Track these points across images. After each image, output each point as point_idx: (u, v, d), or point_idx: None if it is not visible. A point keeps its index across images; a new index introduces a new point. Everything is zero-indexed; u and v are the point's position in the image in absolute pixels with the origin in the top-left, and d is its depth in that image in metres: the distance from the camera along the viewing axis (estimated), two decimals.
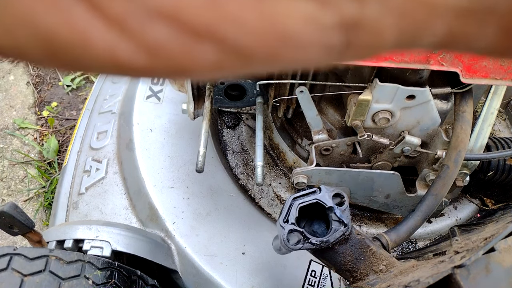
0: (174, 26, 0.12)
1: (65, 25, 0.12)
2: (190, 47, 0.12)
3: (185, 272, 0.87)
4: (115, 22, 0.12)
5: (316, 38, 0.13)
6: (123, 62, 0.12)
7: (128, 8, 0.11)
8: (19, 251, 0.67)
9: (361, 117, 0.75)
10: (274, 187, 1.05)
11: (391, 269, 0.64)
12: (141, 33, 0.12)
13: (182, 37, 0.12)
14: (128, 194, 0.99)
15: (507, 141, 0.90)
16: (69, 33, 0.12)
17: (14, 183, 1.49)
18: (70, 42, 0.12)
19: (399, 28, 0.13)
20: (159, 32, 0.12)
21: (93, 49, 0.12)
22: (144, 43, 0.12)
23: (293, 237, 0.62)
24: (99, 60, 0.12)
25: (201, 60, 0.12)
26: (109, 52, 0.12)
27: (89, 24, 0.12)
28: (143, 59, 0.12)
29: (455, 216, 1.05)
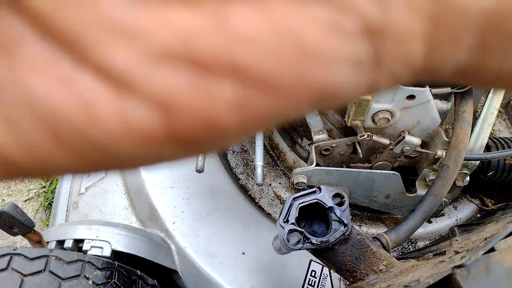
0: (183, 66, 0.10)
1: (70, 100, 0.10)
2: (207, 87, 0.10)
3: (185, 272, 0.87)
4: (120, 80, 0.10)
5: (341, 48, 0.11)
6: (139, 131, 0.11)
7: (131, 58, 0.10)
8: (19, 251, 0.67)
9: (361, 117, 0.75)
10: (274, 187, 1.05)
11: (391, 269, 0.64)
12: (149, 84, 0.10)
13: (195, 77, 0.10)
14: (128, 194, 0.99)
15: (507, 141, 0.90)
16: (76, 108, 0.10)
17: (14, 183, 1.49)
18: (78, 120, 0.10)
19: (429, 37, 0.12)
20: (168, 78, 0.10)
21: (104, 122, 0.10)
22: (154, 95, 0.10)
23: (293, 237, 0.62)
24: (114, 136, 0.11)
25: (221, 102, 0.11)
26: (121, 121, 0.10)
27: (94, 92, 0.10)
28: (157, 117, 0.10)
29: (455, 216, 1.05)
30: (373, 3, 0.11)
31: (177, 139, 0.11)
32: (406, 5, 0.11)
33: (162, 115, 0.11)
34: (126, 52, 0.10)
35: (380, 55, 0.12)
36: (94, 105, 0.10)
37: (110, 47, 0.10)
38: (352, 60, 0.11)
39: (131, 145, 0.11)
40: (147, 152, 0.11)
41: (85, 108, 0.10)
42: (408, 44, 0.12)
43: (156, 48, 0.10)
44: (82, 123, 0.10)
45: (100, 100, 0.10)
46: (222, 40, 0.10)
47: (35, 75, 0.10)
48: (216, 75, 0.10)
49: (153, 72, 0.10)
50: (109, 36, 0.10)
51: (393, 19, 0.11)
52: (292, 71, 0.11)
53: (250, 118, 0.11)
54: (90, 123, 0.10)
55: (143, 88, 0.10)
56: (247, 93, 0.11)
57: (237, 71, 0.10)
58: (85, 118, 0.10)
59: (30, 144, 0.11)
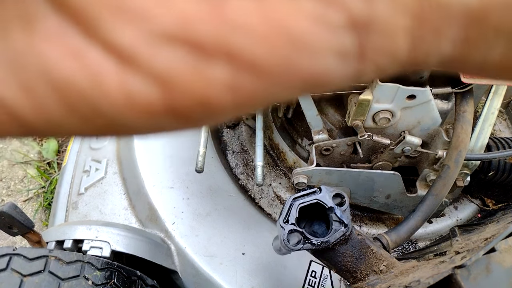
0: (182, 47, 0.11)
1: (80, 71, 0.11)
2: (203, 68, 0.12)
3: (185, 272, 0.87)
4: (125, 56, 0.11)
5: (327, 39, 0.12)
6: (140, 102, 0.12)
7: (136, 37, 0.11)
8: (18, 251, 0.67)
9: (361, 117, 0.75)
10: (274, 187, 1.04)
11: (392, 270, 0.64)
12: (151, 62, 0.11)
13: (193, 58, 0.11)
14: (128, 194, 0.98)
15: (508, 141, 0.90)
16: (84, 78, 0.11)
17: (13, 183, 1.49)
18: (86, 89, 0.12)
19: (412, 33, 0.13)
20: (169, 58, 0.11)
21: (109, 91, 0.12)
22: (156, 73, 0.11)
23: (293, 238, 0.62)
24: (117, 105, 0.12)
25: (216, 83, 0.12)
26: (124, 92, 0.12)
27: (102, 65, 0.11)
28: (158, 94, 0.12)
29: (455, 216, 1.04)
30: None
31: (174, 112, 0.12)
32: (391, 1, 0.12)
33: (161, 90, 0.12)
34: (131, 31, 0.11)
35: (364, 47, 0.12)
36: (100, 76, 0.11)
37: (118, 26, 0.11)
38: (338, 50, 0.12)
39: (132, 114, 0.12)
40: (146, 122, 0.12)
41: (92, 78, 0.11)
42: (392, 38, 0.12)
43: (159, 30, 0.11)
44: (89, 91, 0.12)
45: (106, 72, 0.11)
46: (218, 26, 0.11)
47: (49, 46, 0.11)
48: (212, 58, 0.11)
49: (155, 51, 0.11)
50: (117, 15, 0.11)
51: (377, 14, 0.12)
52: (282, 58, 0.12)
53: (242, 98, 0.12)
54: (96, 91, 0.12)
55: (146, 64, 0.11)
56: (240, 75, 0.12)
57: (231, 55, 0.11)
58: (92, 87, 0.12)
59: (43, 106, 0.12)
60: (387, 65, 0.13)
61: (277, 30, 0.11)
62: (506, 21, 0.13)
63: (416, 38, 0.13)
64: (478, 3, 0.12)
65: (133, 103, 0.12)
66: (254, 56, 0.12)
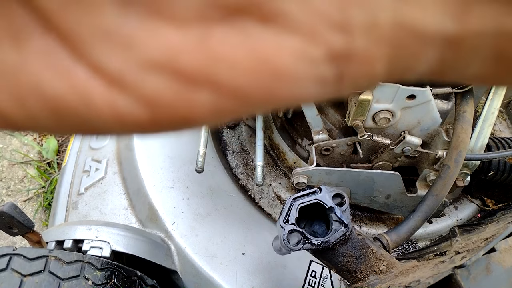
0: (169, 75, 0.12)
1: (69, 89, 0.12)
2: (188, 94, 0.12)
3: (185, 272, 0.87)
4: (113, 79, 0.12)
5: (308, 72, 0.13)
6: (126, 118, 0.13)
7: (124, 63, 0.12)
8: (18, 251, 0.67)
9: (361, 117, 0.75)
10: (274, 187, 1.04)
11: (392, 270, 0.64)
12: (139, 87, 0.12)
13: (178, 86, 0.12)
14: (128, 194, 0.98)
15: (508, 141, 0.90)
16: (74, 96, 0.12)
17: (13, 183, 1.49)
18: (75, 105, 0.12)
19: (390, 58, 0.13)
20: (156, 84, 0.12)
21: (96, 108, 0.12)
22: (143, 96, 0.12)
23: (293, 238, 0.62)
24: (104, 119, 0.13)
25: (199, 106, 0.13)
26: (111, 109, 0.12)
27: (90, 84, 0.12)
28: (144, 112, 0.12)
29: (455, 217, 1.04)
30: (339, 35, 0.12)
31: (157, 126, 0.13)
32: (369, 35, 0.13)
33: (147, 109, 0.12)
34: (119, 58, 0.12)
35: (343, 74, 0.13)
36: (88, 94, 0.12)
37: (106, 52, 0.12)
38: (318, 79, 0.13)
39: (117, 126, 0.13)
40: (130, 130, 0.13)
41: (80, 95, 0.12)
42: (370, 65, 0.13)
43: (146, 58, 0.12)
44: (77, 107, 0.12)
45: (94, 91, 0.12)
46: (203, 58, 0.12)
47: (38, 64, 0.12)
48: (196, 85, 0.12)
49: (142, 77, 0.12)
50: (106, 42, 0.12)
51: (356, 47, 0.13)
52: (263, 87, 0.13)
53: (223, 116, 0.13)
54: (84, 107, 0.12)
55: (133, 88, 0.12)
56: (222, 100, 0.13)
57: (215, 84, 0.12)
58: (80, 103, 0.12)
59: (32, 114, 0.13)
60: (365, 85, 0.14)
61: (260, 64, 0.12)
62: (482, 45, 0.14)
63: (393, 63, 0.14)
64: (455, 30, 0.13)
65: (120, 118, 0.13)
66: (236, 86, 0.12)
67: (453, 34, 0.13)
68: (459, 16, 0.13)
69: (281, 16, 0.12)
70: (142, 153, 0.99)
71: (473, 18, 0.13)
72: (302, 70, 0.13)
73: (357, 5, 0.12)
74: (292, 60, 0.12)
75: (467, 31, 0.13)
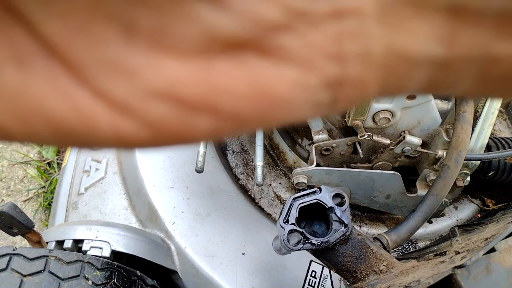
0: (171, 103, 0.13)
1: (72, 111, 0.12)
2: (189, 119, 0.13)
3: (185, 272, 0.87)
4: (117, 105, 0.12)
5: (305, 97, 0.13)
6: (127, 139, 0.13)
7: (128, 91, 0.12)
8: (18, 251, 0.67)
9: (361, 117, 0.75)
10: (274, 187, 1.04)
11: (392, 270, 0.64)
12: (142, 112, 0.13)
13: (180, 111, 0.13)
14: (128, 194, 0.98)
15: (508, 141, 0.90)
16: (76, 118, 0.13)
17: (13, 183, 1.49)
18: (77, 126, 0.13)
19: (382, 81, 0.14)
20: (158, 110, 0.13)
21: (99, 130, 0.13)
22: (145, 120, 0.13)
23: (293, 238, 0.62)
24: (106, 139, 0.13)
25: (199, 129, 0.13)
26: (114, 132, 0.13)
27: (93, 109, 0.12)
28: (145, 134, 0.13)
29: (455, 216, 1.04)
30: (334, 65, 0.13)
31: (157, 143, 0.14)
32: (362, 63, 0.13)
33: (149, 131, 0.13)
34: (123, 86, 0.12)
35: (338, 96, 0.14)
36: (91, 117, 0.13)
37: (110, 80, 0.12)
38: (314, 103, 0.14)
39: (116, 143, 0.13)
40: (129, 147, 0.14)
41: (83, 118, 0.13)
42: (363, 88, 0.14)
43: (150, 88, 0.12)
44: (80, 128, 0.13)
45: (96, 115, 0.13)
46: (204, 88, 0.13)
47: (41, 87, 0.12)
48: (197, 112, 0.13)
49: (145, 104, 0.13)
50: (111, 71, 0.12)
51: (349, 73, 0.13)
52: (261, 112, 0.13)
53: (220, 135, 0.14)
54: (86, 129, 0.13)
55: (136, 113, 0.13)
56: (221, 124, 0.13)
57: (215, 111, 0.13)
58: (83, 125, 0.13)
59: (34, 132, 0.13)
60: (358, 102, 0.15)
61: (259, 92, 0.13)
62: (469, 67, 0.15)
63: (385, 84, 0.14)
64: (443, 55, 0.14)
65: (121, 138, 0.13)
66: (235, 111, 0.13)
67: (442, 58, 0.14)
68: (448, 41, 0.14)
69: (280, 49, 0.13)
70: (142, 153, 0.99)
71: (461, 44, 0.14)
72: (299, 96, 0.13)
73: (351, 37, 0.13)
74: (289, 88, 0.13)
75: (455, 56, 0.14)
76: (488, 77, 0.15)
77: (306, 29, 0.13)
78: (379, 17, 0.13)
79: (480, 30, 0.14)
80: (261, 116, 0.14)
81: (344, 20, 0.13)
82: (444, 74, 0.15)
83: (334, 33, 0.13)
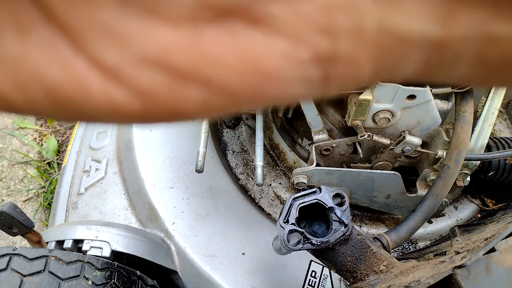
0: (161, 71, 0.13)
1: (68, 79, 0.13)
2: (179, 89, 0.13)
3: (185, 272, 0.87)
4: (109, 72, 0.13)
5: (295, 72, 0.13)
6: (120, 108, 0.13)
7: (120, 57, 0.13)
8: (18, 251, 0.67)
9: (361, 117, 0.75)
10: (274, 187, 1.04)
11: (392, 270, 0.64)
12: (133, 80, 0.13)
13: (170, 81, 0.13)
14: (128, 194, 0.98)
15: (508, 141, 0.90)
16: (72, 85, 0.13)
17: (13, 183, 1.49)
18: (73, 94, 0.13)
19: (375, 61, 0.14)
20: (149, 78, 0.13)
21: (93, 97, 0.13)
22: (136, 88, 0.13)
23: (293, 238, 0.62)
24: (100, 108, 0.13)
25: (189, 101, 0.13)
26: (107, 99, 0.13)
27: (88, 76, 0.13)
28: (137, 104, 0.13)
29: (455, 216, 1.04)
30: (325, 39, 0.13)
31: (149, 118, 0.14)
32: (354, 39, 0.13)
33: (140, 101, 0.13)
34: (116, 52, 0.12)
35: (329, 74, 0.14)
36: (86, 84, 0.13)
37: (104, 46, 0.12)
38: (304, 79, 0.14)
39: (111, 115, 0.14)
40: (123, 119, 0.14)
41: (78, 85, 0.13)
42: (355, 67, 0.14)
43: (141, 54, 0.13)
44: (75, 95, 0.13)
45: (91, 82, 0.13)
46: (194, 56, 0.13)
47: (40, 54, 0.13)
48: (187, 81, 0.13)
49: (136, 71, 0.13)
50: (104, 37, 0.12)
51: (341, 49, 0.13)
52: (251, 86, 0.13)
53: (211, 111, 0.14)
54: (81, 96, 0.13)
55: (127, 80, 0.13)
56: (212, 96, 0.13)
57: (205, 81, 0.13)
58: (78, 92, 0.13)
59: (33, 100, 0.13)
60: (351, 85, 0.15)
61: (248, 64, 0.13)
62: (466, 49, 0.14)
63: (378, 65, 0.14)
64: (439, 35, 0.13)
65: (114, 108, 0.13)
66: (225, 84, 0.13)
67: (437, 38, 0.14)
68: (444, 21, 0.13)
69: (269, 19, 0.12)
70: (142, 153, 0.99)
71: (457, 23, 0.13)
72: (288, 70, 0.13)
73: (343, 11, 0.13)
74: (279, 61, 0.13)
75: (451, 36, 0.14)
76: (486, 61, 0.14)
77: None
78: None
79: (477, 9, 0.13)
80: (251, 91, 0.13)
81: None
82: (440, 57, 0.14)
83: (325, 5, 0.12)
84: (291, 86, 0.14)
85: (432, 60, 0.14)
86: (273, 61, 0.13)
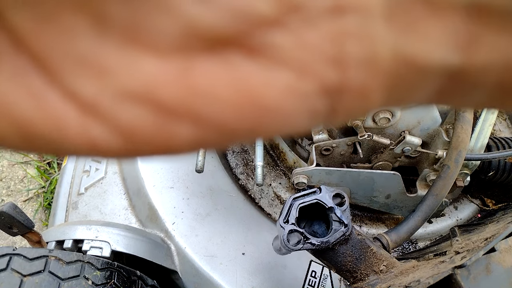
0: (146, 107, 0.11)
1: (41, 113, 0.11)
2: (167, 127, 0.12)
3: (185, 272, 0.87)
4: (87, 106, 0.11)
5: (298, 105, 0.12)
6: (99, 146, 0.12)
7: (99, 91, 0.11)
8: (18, 251, 0.66)
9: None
10: (274, 187, 1.04)
11: (392, 270, 0.64)
12: (114, 116, 0.11)
13: (157, 117, 0.11)
14: (128, 194, 0.98)
15: (508, 141, 0.90)
16: (45, 121, 0.11)
17: (13, 183, 1.49)
18: (46, 130, 0.12)
19: (387, 90, 0.13)
20: (132, 114, 0.11)
21: (69, 134, 0.12)
22: (118, 125, 0.11)
23: (293, 238, 0.62)
24: (76, 145, 0.12)
25: (179, 139, 0.12)
26: (85, 137, 0.12)
27: (63, 110, 0.11)
28: (119, 141, 0.12)
29: (455, 216, 1.04)
30: (333, 70, 0.11)
31: (132, 154, 0.12)
32: (365, 68, 0.12)
33: (123, 139, 0.12)
34: (94, 85, 0.11)
35: (337, 107, 0.12)
36: (60, 120, 0.11)
37: (80, 78, 0.11)
38: (308, 112, 0.12)
39: (89, 151, 0.12)
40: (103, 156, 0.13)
41: (52, 120, 0.11)
42: (365, 97, 0.12)
43: (122, 88, 0.11)
44: (48, 131, 0.12)
45: (66, 117, 0.11)
46: (184, 90, 0.11)
47: (9, 85, 0.11)
48: (176, 118, 0.11)
49: (118, 106, 0.11)
50: (81, 68, 0.11)
51: (350, 79, 0.12)
52: (248, 121, 0.12)
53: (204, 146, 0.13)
54: (55, 132, 0.12)
55: (107, 117, 0.11)
56: (204, 133, 0.12)
57: (195, 118, 0.11)
58: (51, 128, 0.11)
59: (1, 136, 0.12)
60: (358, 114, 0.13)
61: (245, 98, 0.11)
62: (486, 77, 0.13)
63: (389, 94, 0.13)
64: (459, 64, 0.12)
65: (93, 145, 0.12)
66: (219, 119, 0.12)
67: (457, 66, 0.12)
68: (466, 48, 0.12)
69: (270, 49, 0.11)
70: None
71: (481, 50, 0.12)
72: (291, 105, 0.12)
73: (353, 38, 0.11)
74: (280, 94, 0.11)
75: (473, 64, 0.12)
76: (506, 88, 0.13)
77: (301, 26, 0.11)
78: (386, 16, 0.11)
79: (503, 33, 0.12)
80: (249, 127, 0.12)
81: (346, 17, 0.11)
82: (457, 85, 0.13)
83: (334, 32, 0.11)
84: (294, 119, 0.12)
85: (448, 89, 0.13)
86: (274, 94, 0.11)
